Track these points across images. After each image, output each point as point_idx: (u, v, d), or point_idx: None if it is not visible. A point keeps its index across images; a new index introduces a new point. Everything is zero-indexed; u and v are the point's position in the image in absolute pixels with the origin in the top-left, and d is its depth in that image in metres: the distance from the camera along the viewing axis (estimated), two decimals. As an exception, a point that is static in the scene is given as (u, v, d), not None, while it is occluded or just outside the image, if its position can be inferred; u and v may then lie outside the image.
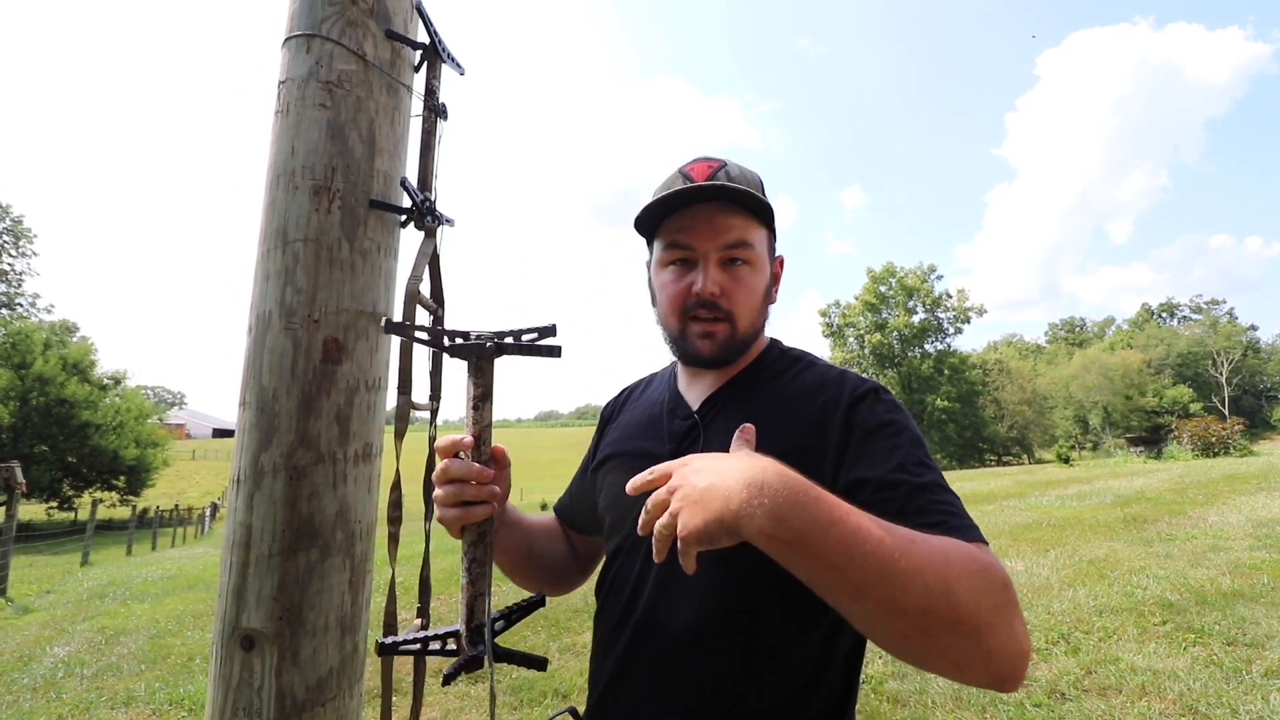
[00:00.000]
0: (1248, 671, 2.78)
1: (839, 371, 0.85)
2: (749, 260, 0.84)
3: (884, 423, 0.76)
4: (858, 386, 0.81)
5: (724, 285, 0.83)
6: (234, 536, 0.89)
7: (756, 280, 0.85)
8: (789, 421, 0.80)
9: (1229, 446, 16.85)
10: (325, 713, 0.88)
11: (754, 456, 0.61)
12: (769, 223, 0.87)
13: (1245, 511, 6.30)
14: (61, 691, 3.87)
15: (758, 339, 0.90)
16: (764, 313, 0.88)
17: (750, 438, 0.69)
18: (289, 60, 0.96)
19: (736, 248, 0.83)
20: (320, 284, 0.92)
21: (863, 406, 0.78)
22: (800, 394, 0.83)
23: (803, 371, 0.87)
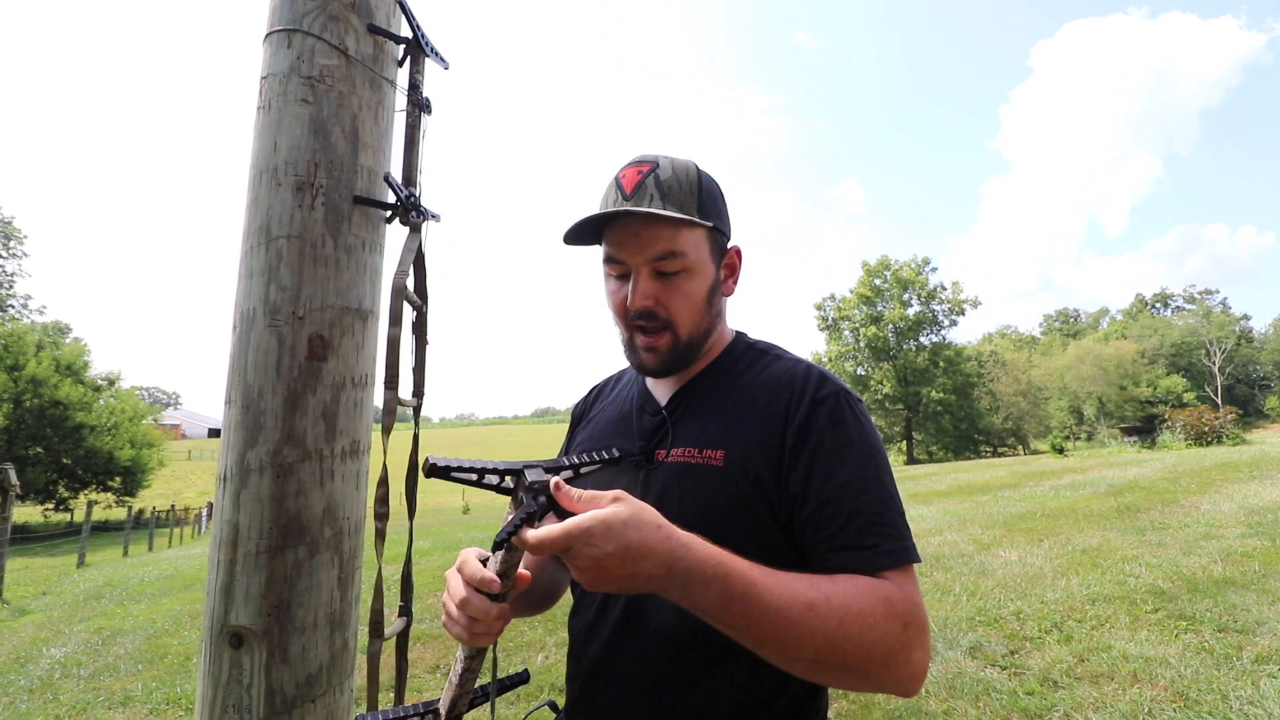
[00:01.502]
0: (1238, 658, 2.80)
1: (804, 367, 0.85)
2: (683, 267, 0.83)
3: (839, 432, 0.77)
4: (820, 388, 0.81)
5: (658, 295, 0.83)
6: (221, 534, 0.88)
7: (694, 285, 0.84)
8: (751, 420, 0.81)
9: (1222, 435, 16.96)
10: (315, 709, 0.88)
11: (670, 538, 0.63)
12: (712, 220, 0.85)
13: (1238, 500, 6.34)
14: (58, 692, 3.86)
15: (712, 337, 0.89)
16: (710, 313, 0.87)
17: None
18: (270, 55, 0.95)
19: (665, 259, 0.82)
20: (304, 281, 0.91)
21: (822, 411, 0.79)
22: (765, 390, 0.84)
23: (769, 366, 0.87)
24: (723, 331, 0.92)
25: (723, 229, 0.87)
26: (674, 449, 0.83)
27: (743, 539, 0.77)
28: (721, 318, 0.90)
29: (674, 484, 0.82)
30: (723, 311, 0.91)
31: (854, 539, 0.72)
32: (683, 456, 0.82)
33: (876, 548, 0.72)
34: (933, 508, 8.22)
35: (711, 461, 0.80)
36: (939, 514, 7.58)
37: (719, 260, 0.87)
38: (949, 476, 12.53)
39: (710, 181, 0.87)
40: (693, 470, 0.81)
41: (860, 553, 0.72)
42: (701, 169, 0.87)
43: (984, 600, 3.96)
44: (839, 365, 50.98)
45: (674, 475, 0.82)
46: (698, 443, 0.82)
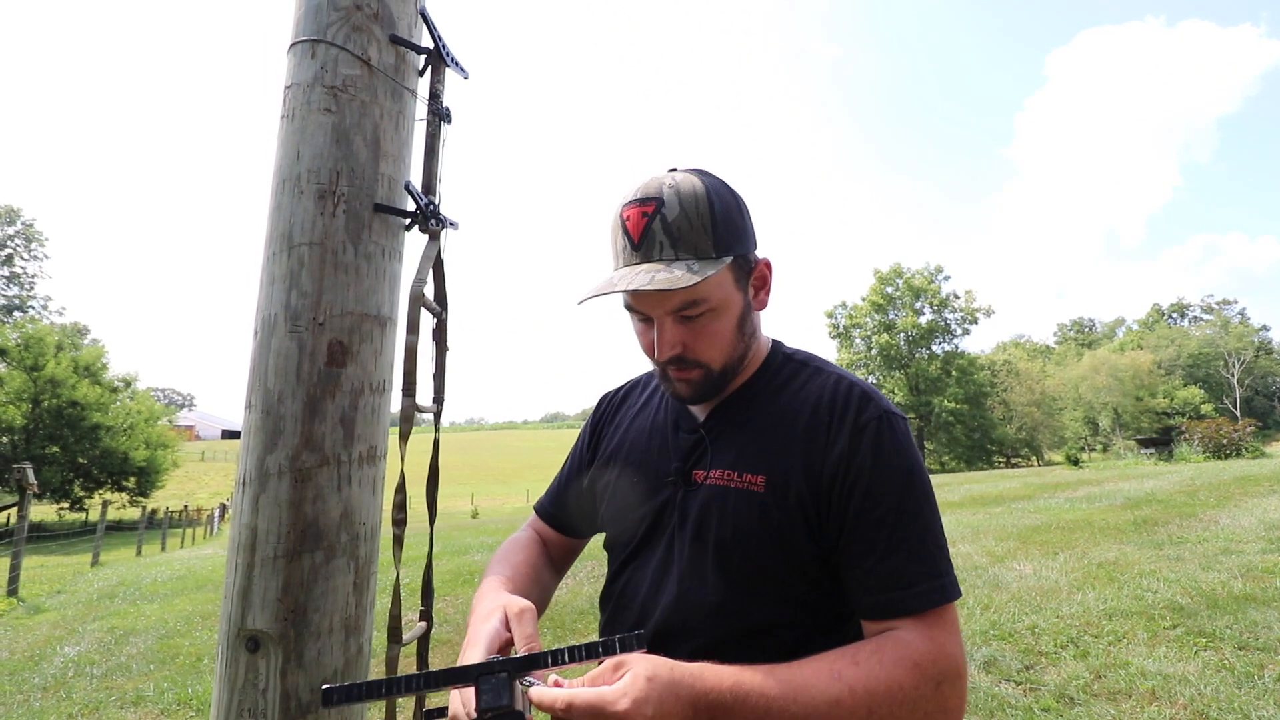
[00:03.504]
0: (1260, 676, 2.75)
1: (847, 385, 0.81)
2: (708, 309, 0.77)
3: (880, 462, 0.75)
4: (862, 411, 0.78)
5: (685, 340, 0.78)
6: (239, 538, 0.89)
7: (720, 323, 0.79)
8: (792, 443, 0.78)
9: (1241, 448, 16.70)
10: (330, 714, 0.88)
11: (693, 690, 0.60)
12: (734, 250, 0.78)
13: (1257, 514, 6.23)
14: (71, 691, 3.90)
15: (747, 360, 0.85)
16: (743, 341, 0.83)
17: None
18: (294, 65, 0.97)
19: (688, 308, 0.77)
20: (325, 287, 0.92)
21: (864, 439, 0.76)
22: (806, 409, 0.80)
23: (809, 381, 0.83)
24: (759, 344, 0.88)
25: (746, 253, 0.80)
26: (713, 470, 0.80)
27: (780, 567, 0.76)
28: (756, 335, 0.86)
29: (712, 508, 0.79)
30: (758, 328, 0.86)
31: (887, 580, 0.71)
32: (721, 479, 0.79)
33: (911, 588, 0.70)
34: (945, 519, 8.12)
35: (752, 486, 0.77)
36: (952, 525, 7.51)
37: (746, 283, 0.81)
38: (962, 487, 12.41)
39: (725, 201, 0.78)
40: (731, 494, 0.78)
41: (892, 595, 0.70)
42: (712, 189, 0.78)
43: (998, 614, 3.91)
44: (850, 373, 50.72)
45: (712, 499, 0.79)
46: (737, 465, 0.79)
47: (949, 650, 0.68)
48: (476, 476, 57.14)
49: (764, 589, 0.77)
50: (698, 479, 0.81)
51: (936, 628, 0.69)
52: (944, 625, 0.70)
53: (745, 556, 0.77)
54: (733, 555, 0.77)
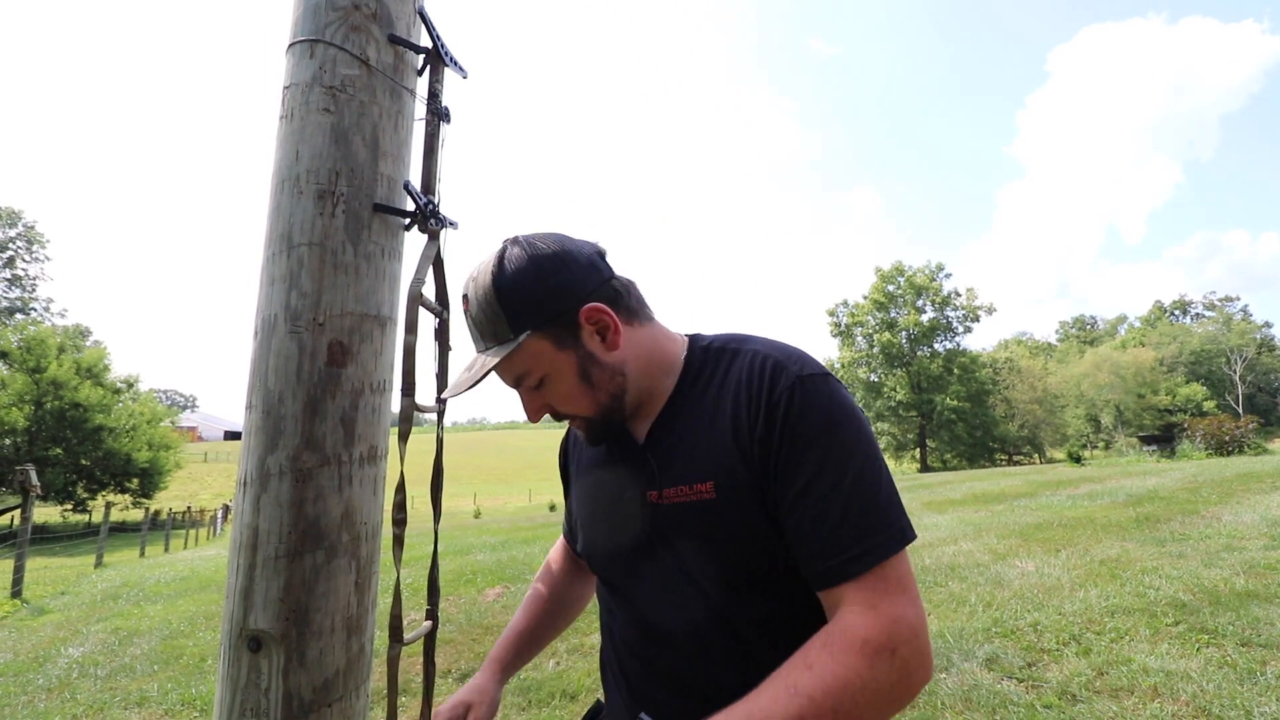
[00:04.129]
0: (1262, 673, 2.74)
1: (759, 360, 0.79)
2: (541, 378, 0.80)
3: (797, 431, 0.73)
4: (775, 384, 0.75)
5: (542, 404, 0.82)
6: (241, 539, 0.89)
7: (561, 384, 0.80)
8: (724, 437, 0.77)
9: (1243, 445, 16.68)
10: (332, 713, 0.89)
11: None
12: (530, 325, 0.78)
13: (1260, 511, 6.22)
14: (76, 692, 3.91)
15: (642, 382, 0.83)
16: (606, 383, 0.81)
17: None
18: (293, 65, 0.97)
19: (523, 380, 0.81)
20: (325, 288, 0.92)
21: (779, 413, 0.74)
22: (728, 397, 0.79)
23: (729, 367, 0.82)
24: (663, 357, 0.85)
25: (551, 318, 0.78)
26: (665, 489, 0.79)
27: (756, 565, 0.76)
28: (634, 362, 0.82)
29: (676, 529, 0.79)
30: (630, 354, 0.82)
31: (824, 548, 0.69)
32: (676, 496, 0.78)
33: (845, 552, 0.68)
34: (947, 516, 8.13)
35: (704, 496, 0.76)
36: (954, 523, 7.50)
37: (574, 339, 0.79)
38: (964, 485, 12.39)
39: (513, 280, 0.78)
40: (689, 509, 0.77)
41: (830, 564, 0.69)
42: (505, 271, 0.79)
43: (1000, 611, 3.91)
44: (851, 372, 50.68)
45: (673, 519, 0.79)
46: (685, 477, 0.78)
47: (896, 612, 0.66)
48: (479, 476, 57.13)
49: (748, 592, 0.76)
50: (653, 500, 0.80)
51: (879, 590, 0.67)
52: (887, 585, 0.67)
53: (718, 567, 0.76)
54: (706, 569, 0.77)
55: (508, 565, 6.60)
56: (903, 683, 0.64)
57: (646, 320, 0.85)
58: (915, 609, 0.67)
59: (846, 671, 0.63)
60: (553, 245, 0.80)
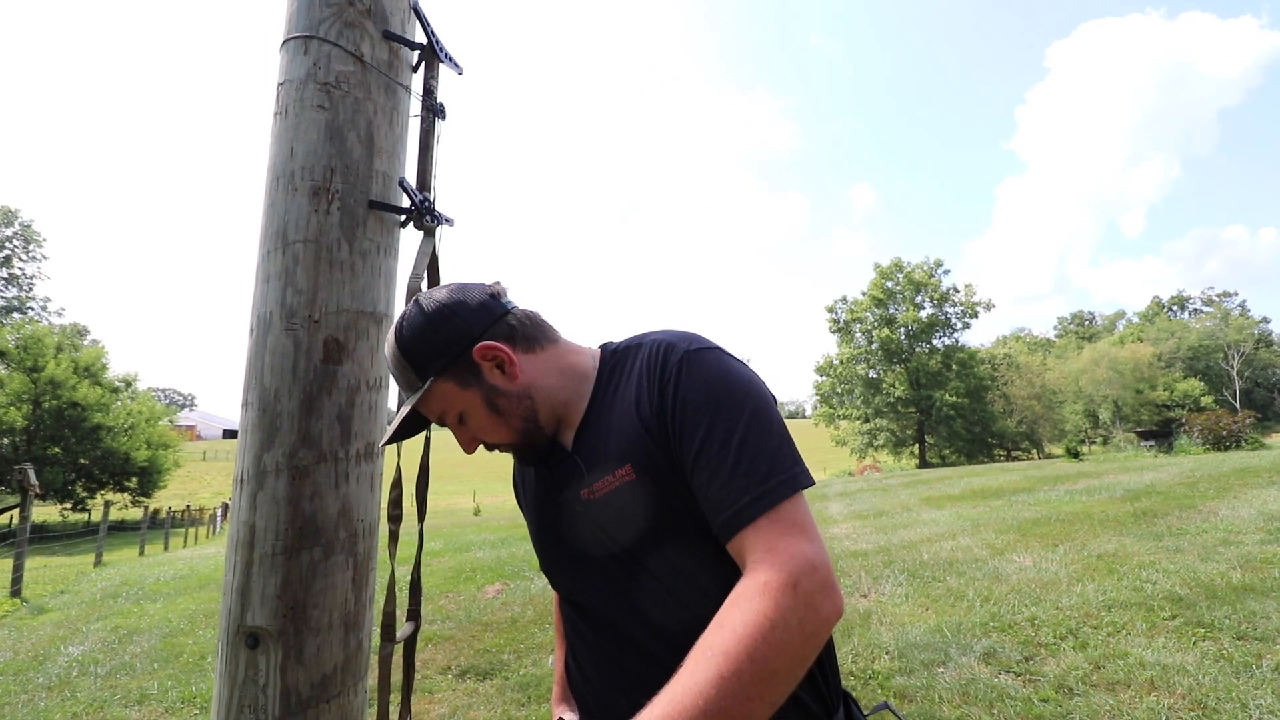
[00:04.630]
0: (1258, 666, 2.75)
1: (654, 344, 0.86)
2: (457, 416, 0.86)
3: (684, 401, 0.78)
4: (667, 361, 0.82)
5: (470, 438, 0.87)
6: (238, 536, 0.89)
7: (476, 418, 0.86)
8: (634, 420, 0.82)
9: (1240, 440, 16.69)
10: (330, 710, 0.89)
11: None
12: (432, 372, 0.84)
13: (1256, 505, 6.24)
14: (76, 690, 3.91)
15: (555, 398, 0.88)
16: (515, 411, 0.86)
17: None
18: (287, 62, 0.96)
19: (443, 419, 0.87)
20: (320, 285, 0.92)
21: (669, 391, 0.80)
22: (632, 387, 0.85)
23: (634, 361, 0.87)
24: (573, 370, 0.90)
25: (449, 362, 0.84)
26: (594, 484, 0.84)
27: (694, 535, 0.79)
28: (540, 384, 0.87)
29: (606, 516, 0.83)
30: (535, 378, 0.87)
31: (722, 502, 0.73)
32: (603, 487, 0.83)
33: (738, 501, 0.72)
34: (945, 512, 8.15)
35: (625, 479, 0.81)
36: (952, 518, 7.51)
37: (476, 377, 0.85)
38: (962, 480, 12.41)
39: (410, 335, 0.84)
40: (615, 495, 0.82)
41: (728, 515, 0.72)
42: (403, 327, 0.85)
43: (998, 606, 3.92)
44: (850, 368, 50.68)
45: (603, 508, 0.83)
46: (607, 467, 0.83)
47: (792, 549, 0.68)
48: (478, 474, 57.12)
49: (691, 562, 0.79)
50: (586, 498, 0.85)
51: (775, 533, 0.70)
52: (782, 527, 0.70)
53: (656, 543, 0.80)
54: (646, 547, 0.81)
55: (507, 562, 6.61)
56: (811, 615, 0.66)
57: (549, 343, 0.90)
58: (814, 545, 0.70)
59: (754, 617, 0.65)
60: (444, 297, 0.86)
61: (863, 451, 46.99)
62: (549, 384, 0.88)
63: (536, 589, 5.34)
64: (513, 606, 4.86)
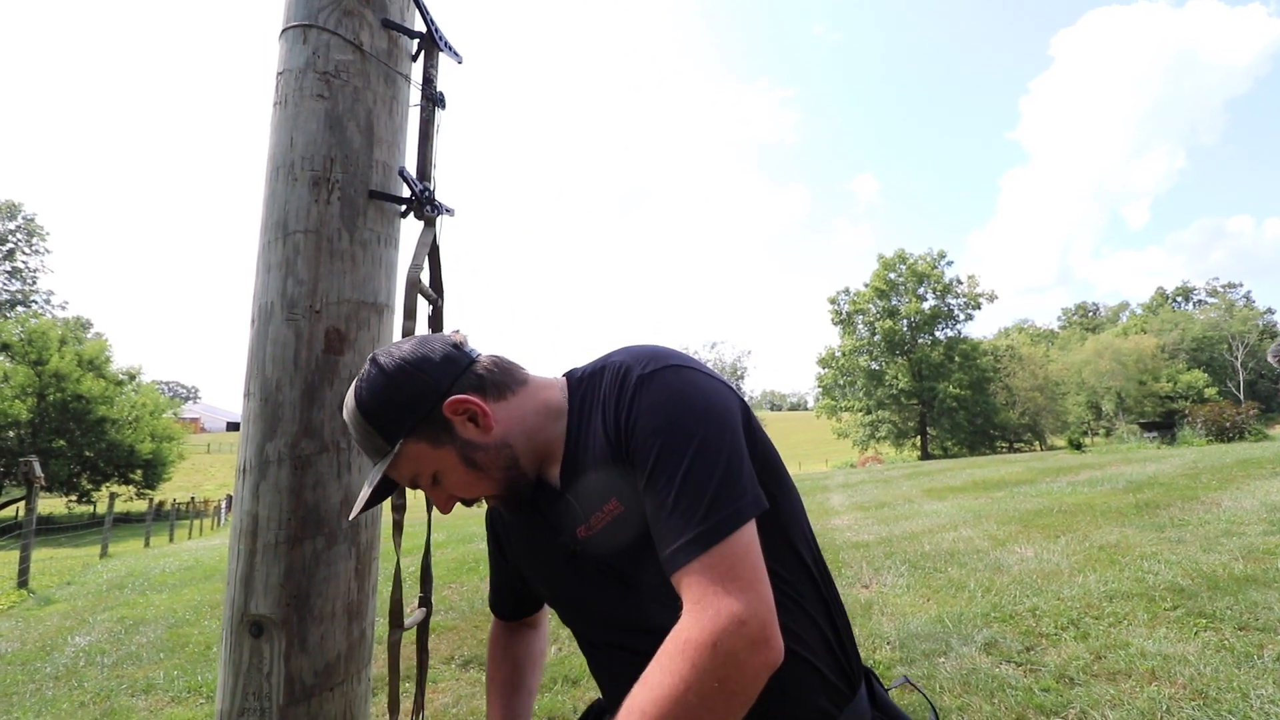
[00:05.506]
0: (1259, 656, 2.76)
1: (616, 366, 0.82)
2: (431, 477, 0.83)
3: (639, 428, 0.75)
4: (625, 386, 0.79)
5: (447, 496, 0.85)
6: (241, 525, 0.90)
7: (452, 476, 0.83)
8: (604, 453, 0.80)
9: (1244, 431, 16.68)
10: (334, 697, 0.89)
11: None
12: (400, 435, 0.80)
13: (1259, 496, 6.24)
14: (83, 679, 3.95)
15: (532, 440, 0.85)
16: (494, 462, 0.83)
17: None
18: (286, 51, 0.96)
19: (416, 481, 0.84)
20: (321, 275, 0.92)
21: (624, 413, 0.77)
22: (598, 414, 0.83)
23: (600, 387, 0.84)
24: (547, 409, 0.87)
25: (418, 421, 0.80)
26: (590, 520, 0.82)
27: None
28: (517, 429, 0.84)
29: (606, 549, 0.81)
30: (511, 425, 0.84)
31: (662, 540, 0.70)
32: (598, 523, 0.81)
33: (674, 543, 0.69)
34: (947, 503, 8.16)
35: (614, 514, 0.79)
36: (953, 509, 7.52)
37: (449, 433, 0.81)
38: (964, 472, 12.42)
39: (371, 397, 0.80)
40: (609, 529, 0.80)
41: (665, 555, 0.70)
42: (363, 392, 0.81)
43: (999, 596, 3.93)
44: (853, 360, 50.66)
45: (601, 542, 0.82)
46: (598, 503, 0.81)
47: (717, 605, 0.65)
48: (480, 466, 57.14)
49: None
50: (583, 535, 0.83)
51: (703, 582, 0.66)
52: (713, 575, 0.66)
53: (652, 574, 0.77)
54: (642, 580, 0.79)
55: (510, 553, 6.65)
56: (733, 673, 0.63)
57: (519, 385, 0.87)
58: (744, 597, 0.65)
59: (671, 679, 0.63)
60: (404, 353, 0.82)
61: (865, 443, 47.05)
62: (526, 427, 0.85)
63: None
64: (516, 597, 4.89)
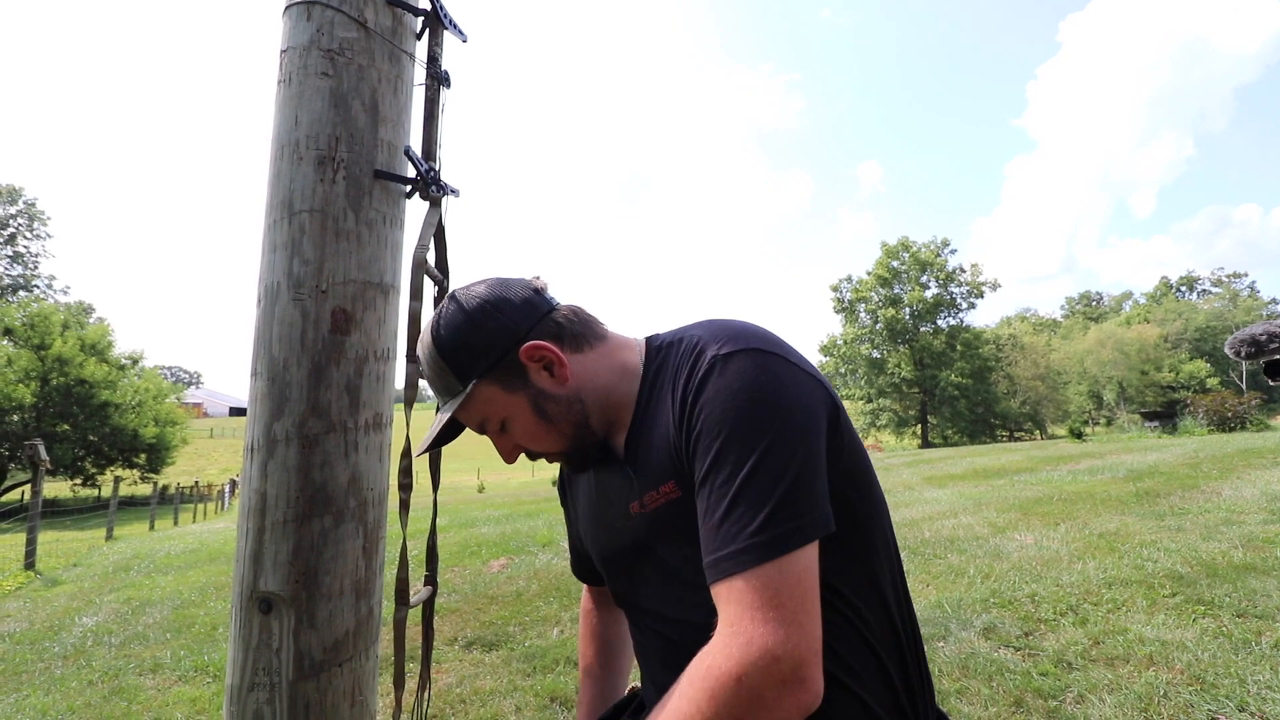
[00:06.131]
0: (1257, 643, 2.78)
1: (692, 342, 0.77)
2: (500, 422, 0.81)
3: (705, 416, 0.69)
4: (698, 365, 0.73)
5: (513, 446, 0.83)
6: (250, 503, 0.90)
7: (521, 425, 0.81)
8: (667, 432, 0.76)
9: (1245, 421, 16.67)
10: (342, 673, 0.91)
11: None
12: (476, 373, 0.78)
13: (1260, 485, 6.25)
14: (91, 659, 4.00)
15: (602, 398, 0.82)
16: (565, 415, 0.80)
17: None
18: (290, 28, 0.95)
19: (484, 426, 0.82)
20: (327, 255, 0.92)
21: (691, 395, 0.72)
22: (667, 390, 0.78)
23: (672, 359, 0.80)
24: (623, 370, 0.83)
25: (493, 364, 0.78)
26: (644, 497, 0.79)
27: None
28: (590, 386, 0.81)
29: (659, 535, 0.78)
30: (584, 380, 0.81)
31: (708, 545, 0.66)
32: (653, 501, 0.77)
33: (719, 551, 0.64)
34: (947, 491, 8.19)
35: (670, 496, 0.75)
36: (954, 497, 7.55)
37: (522, 380, 0.79)
38: (964, 460, 12.44)
39: (454, 332, 0.78)
40: (664, 513, 0.77)
41: (708, 561, 0.65)
42: (441, 327, 0.79)
43: (998, 583, 3.95)
44: (854, 348, 50.63)
45: (650, 526, 0.79)
46: (656, 482, 0.77)
47: (750, 634, 0.59)
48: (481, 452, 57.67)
49: None
50: (635, 511, 0.80)
51: (741, 605, 0.61)
52: (753, 598, 0.60)
53: (694, 570, 0.73)
54: (683, 572, 0.77)
55: (511, 538, 6.68)
56: (756, 714, 0.58)
57: (598, 340, 0.84)
58: (782, 631, 0.59)
59: (689, 707, 0.59)
60: (485, 293, 0.80)
61: (865, 431, 47.16)
62: (600, 385, 0.82)
63: (541, 564, 5.40)
64: (518, 581, 4.93)
